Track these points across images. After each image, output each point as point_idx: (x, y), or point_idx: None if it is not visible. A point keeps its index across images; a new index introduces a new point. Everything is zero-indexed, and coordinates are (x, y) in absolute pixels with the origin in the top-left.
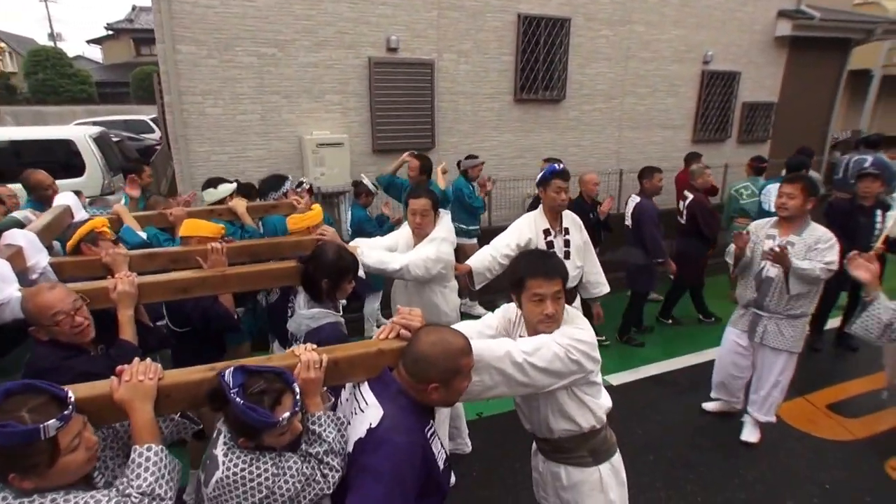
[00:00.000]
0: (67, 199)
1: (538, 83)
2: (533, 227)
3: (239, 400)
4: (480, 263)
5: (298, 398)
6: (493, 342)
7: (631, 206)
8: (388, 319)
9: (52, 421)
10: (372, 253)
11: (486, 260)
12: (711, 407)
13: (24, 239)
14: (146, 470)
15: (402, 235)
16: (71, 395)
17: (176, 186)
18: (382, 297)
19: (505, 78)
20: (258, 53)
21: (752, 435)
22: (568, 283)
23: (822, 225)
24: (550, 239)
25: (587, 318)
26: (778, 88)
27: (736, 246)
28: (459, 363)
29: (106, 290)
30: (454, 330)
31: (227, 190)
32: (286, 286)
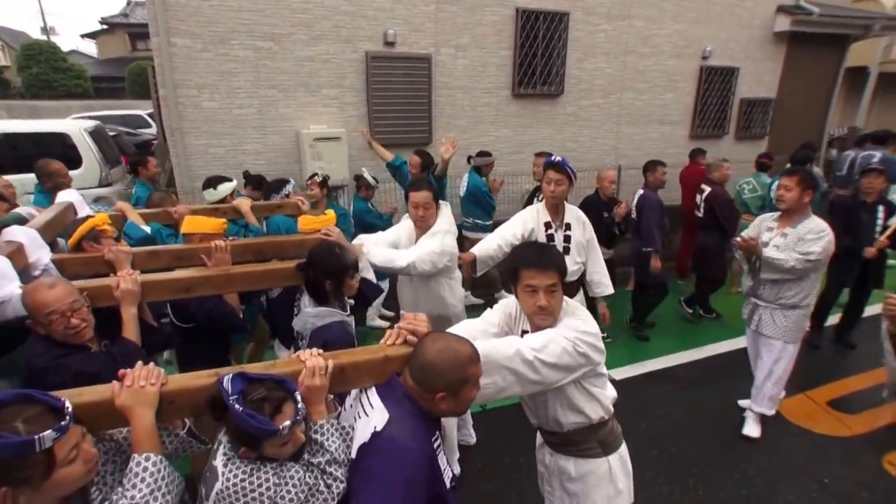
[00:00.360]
0: (71, 195)
1: (536, 78)
2: (535, 218)
3: (238, 407)
4: (485, 252)
5: (301, 408)
6: (500, 342)
7: (636, 198)
8: (390, 311)
9: (48, 432)
10: (377, 251)
11: (491, 248)
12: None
13: (24, 235)
14: (142, 481)
15: (404, 229)
16: (68, 405)
17: (174, 180)
18: (389, 290)
19: (503, 72)
20: (254, 47)
21: (752, 430)
22: (567, 277)
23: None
24: (551, 232)
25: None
26: (776, 85)
27: (744, 253)
28: (467, 372)
29: (109, 287)
30: (461, 337)
31: (227, 189)
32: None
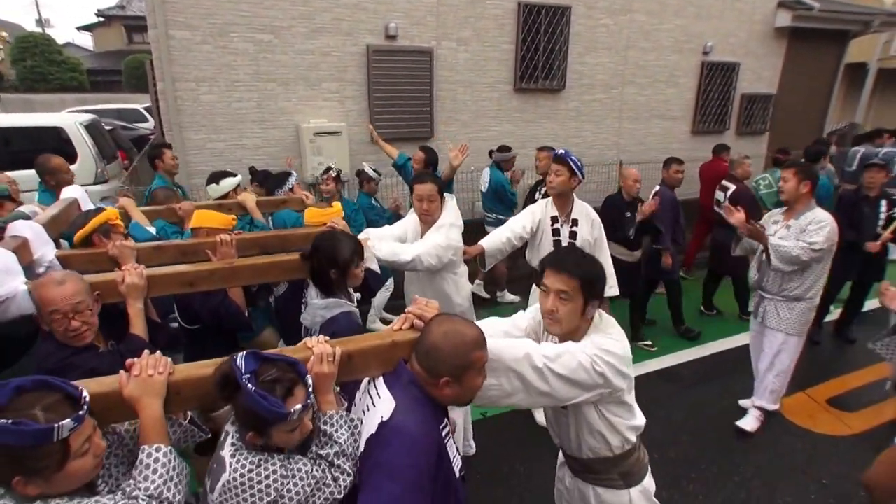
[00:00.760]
0: (75, 192)
1: (538, 72)
2: (544, 211)
3: (250, 386)
4: (494, 245)
5: (311, 392)
6: (514, 341)
7: (651, 194)
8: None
9: (66, 421)
10: (383, 245)
11: (500, 241)
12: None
13: (29, 231)
14: (154, 472)
15: (409, 223)
16: (86, 393)
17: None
18: (395, 287)
19: (505, 67)
20: (254, 40)
21: (747, 423)
22: None
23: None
24: (557, 226)
25: None
26: (776, 80)
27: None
28: (471, 356)
29: (114, 282)
30: (468, 321)
31: (230, 184)
32: (294, 279)
